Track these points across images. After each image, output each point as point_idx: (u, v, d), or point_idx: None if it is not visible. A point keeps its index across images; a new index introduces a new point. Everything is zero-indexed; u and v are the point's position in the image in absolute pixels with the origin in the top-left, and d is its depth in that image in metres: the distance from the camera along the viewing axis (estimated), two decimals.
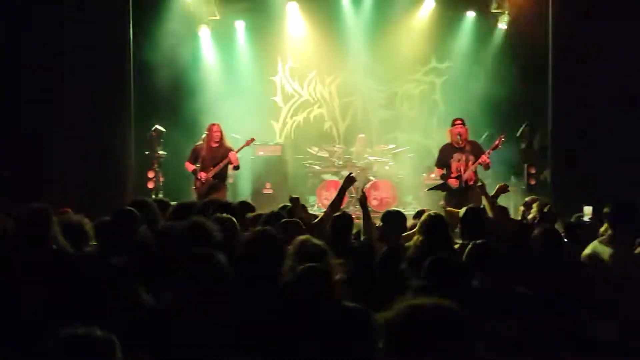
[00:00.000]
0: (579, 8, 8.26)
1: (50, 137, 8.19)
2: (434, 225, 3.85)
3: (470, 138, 7.68)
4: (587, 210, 4.93)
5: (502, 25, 11.03)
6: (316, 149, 11.10)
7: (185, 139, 9.35)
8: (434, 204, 8.54)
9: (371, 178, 10.44)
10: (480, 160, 7.29)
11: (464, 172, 7.35)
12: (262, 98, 12.01)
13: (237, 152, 7.79)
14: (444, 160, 7.58)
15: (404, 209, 8.94)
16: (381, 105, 12.20)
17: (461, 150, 7.43)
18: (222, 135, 7.91)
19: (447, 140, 7.61)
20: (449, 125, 7.72)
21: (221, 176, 8.02)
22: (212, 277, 2.52)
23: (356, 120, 12.17)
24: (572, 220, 4.71)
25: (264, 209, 5.45)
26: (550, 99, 8.75)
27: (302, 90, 12.31)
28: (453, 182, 7.34)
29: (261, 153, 10.83)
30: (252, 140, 8.20)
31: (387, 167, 10.75)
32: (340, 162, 10.69)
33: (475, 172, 7.41)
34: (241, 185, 11.05)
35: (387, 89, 12.17)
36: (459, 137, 7.44)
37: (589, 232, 4.35)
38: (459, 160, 7.43)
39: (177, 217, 4.11)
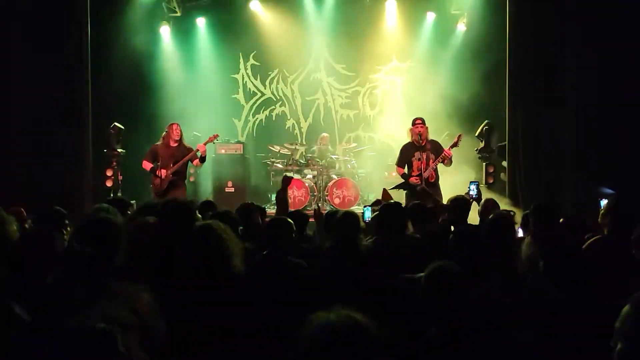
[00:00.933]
0: (536, 9, 8.28)
1: (6, 135, 7.91)
2: (343, 224, 3.76)
3: (431, 137, 7.57)
4: None
5: (462, 26, 10.94)
6: (278, 147, 10.77)
7: (144, 137, 9.13)
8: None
9: (333, 176, 10.25)
10: (442, 155, 7.20)
11: (425, 171, 7.27)
12: (223, 96, 11.67)
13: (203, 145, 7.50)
14: (405, 159, 7.46)
15: (365, 207, 8.90)
16: (343, 104, 11.99)
17: (422, 149, 7.33)
18: (181, 134, 7.70)
19: (408, 139, 7.46)
20: (410, 125, 7.58)
21: (181, 174, 7.75)
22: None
23: (318, 119, 11.91)
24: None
25: (228, 207, 5.10)
26: (508, 100, 8.73)
27: (264, 88, 12.02)
28: (414, 181, 7.23)
29: (222, 151, 10.56)
30: (216, 136, 7.95)
31: (349, 166, 10.56)
32: (303, 161, 10.45)
33: (435, 171, 7.33)
34: (203, 184, 10.83)
35: (349, 88, 11.95)
36: (419, 136, 7.31)
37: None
38: (419, 159, 7.32)
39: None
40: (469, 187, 5.81)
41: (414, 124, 7.40)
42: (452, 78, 10.48)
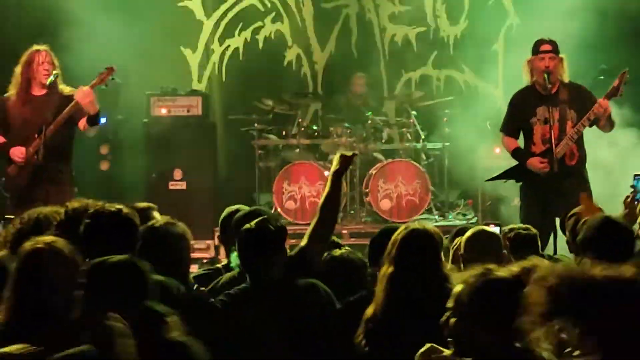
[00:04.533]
0: None
1: None
2: (411, 248, 3.42)
3: (570, 78, 6.59)
4: None
5: None
6: (270, 102, 9.40)
7: None
8: (503, 209, 8.25)
9: (379, 157, 9.16)
10: (592, 112, 6.21)
11: (558, 144, 6.30)
12: (164, 4, 9.98)
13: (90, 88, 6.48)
14: (518, 121, 6.63)
15: (441, 217, 9.07)
16: (396, 15, 10.55)
17: (551, 101, 6.41)
18: (55, 70, 6.47)
19: (524, 81, 6.61)
20: (527, 53, 6.65)
21: (60, 151, 6.57)
22: None
23: (347, 46, 10.53)
24: None
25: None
26: None
27: None
28: (536, 163, 6.36)
29: (163, 111, 9.14)
30: (111, 71, 6.64)
31: (409, 136, 9.18)
32: (318, 127, 9.40)
33: (579, 143, 6.44)
34: (124, 172, 9.17)
35: None
36: (546, 76, 6.31)
37: None
38: (546, 121, 6.38)
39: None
40: (634, 184, 5.27)
41: (536, 51, 6.55)
42: None
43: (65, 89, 6.59)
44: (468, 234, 4.02)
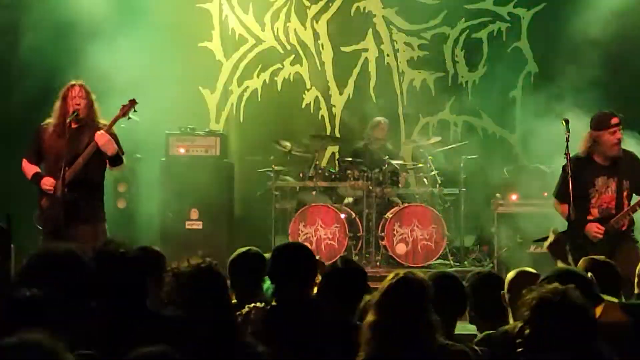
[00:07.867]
0: None
1: None
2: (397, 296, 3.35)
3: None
4: None
5: None
6: (288, 144, 9.63)
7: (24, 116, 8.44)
8: (518, 256, 8.24)
9: (396, 201, 9.33)
10: None
11: (616, 214, 6.48)
12: (184, 44, 10.41)
13: (109, 127, 6.77)
14: (575, 189, 6.51)
15: (456, 262, 9.25)
16: (415, 60, 10.92)
17: (609, 170, 6.62)
18: (89, 104, 6.77)
19: (580, 149, 6.62)
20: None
21: (91, 186, 6.82)
22: None
23: (366, 89, 10.82)
24: None
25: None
26: None
27: (261, 29, 10.89)
28: (593, 229, 6.51)
29: (182, 151, 9.53)
30: (132, 104, 6.89)
31: (425, 180, 9.43)
32: (335, 170, 9.46)
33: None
34: (140, 211, 9.51)
35: (426, 29, 10.72)
36: (616, 147, 6.53)
37: None
38: (605, 191, 6.63)
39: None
40: None
41: (606, 125, 6.57)
42: None
43: (101, 123, 6.80)
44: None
